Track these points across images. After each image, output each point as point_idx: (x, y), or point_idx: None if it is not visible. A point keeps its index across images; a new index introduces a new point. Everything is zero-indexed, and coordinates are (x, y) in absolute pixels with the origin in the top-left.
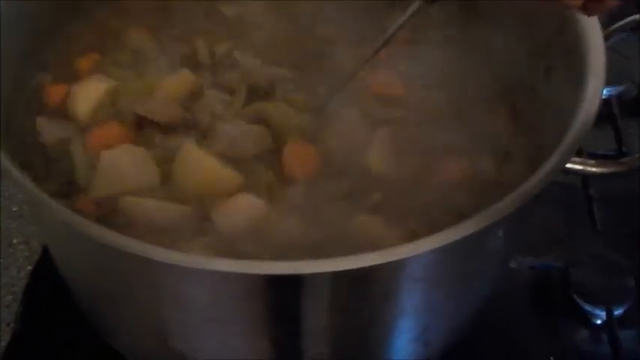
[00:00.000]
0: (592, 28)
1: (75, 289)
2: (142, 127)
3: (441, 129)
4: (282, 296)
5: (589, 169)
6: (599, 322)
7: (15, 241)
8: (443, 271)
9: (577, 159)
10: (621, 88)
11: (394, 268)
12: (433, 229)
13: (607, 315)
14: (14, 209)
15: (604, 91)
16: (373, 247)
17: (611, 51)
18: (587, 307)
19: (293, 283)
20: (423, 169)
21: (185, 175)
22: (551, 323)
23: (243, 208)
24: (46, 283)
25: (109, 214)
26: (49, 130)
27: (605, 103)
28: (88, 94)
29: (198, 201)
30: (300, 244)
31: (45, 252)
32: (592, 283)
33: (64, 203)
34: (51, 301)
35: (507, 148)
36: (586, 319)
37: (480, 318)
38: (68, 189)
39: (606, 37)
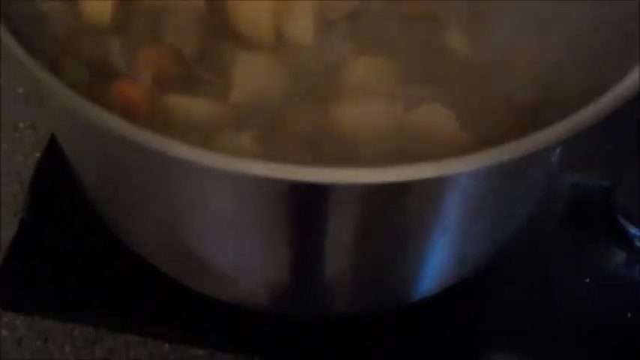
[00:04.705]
0: None
1: (84, 184)
2: None
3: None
4: (310, 205)
5: None
6: None
7: (21, 125)
8: (494, 188)
9: None
10: None
11: (439, 184)
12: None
13: None
14: (20, 91)
15: None
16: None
17: None
18: (632, 229)
19: (319, 192)
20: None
21: None
22: (589, 243)
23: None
24: (55, 172)
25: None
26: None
27: None
28: None
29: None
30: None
31: (53, 139)
32: (638, 205)
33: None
34: (60, 191)
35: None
36: (627, 242)
37: (518, 236)
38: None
39: None
